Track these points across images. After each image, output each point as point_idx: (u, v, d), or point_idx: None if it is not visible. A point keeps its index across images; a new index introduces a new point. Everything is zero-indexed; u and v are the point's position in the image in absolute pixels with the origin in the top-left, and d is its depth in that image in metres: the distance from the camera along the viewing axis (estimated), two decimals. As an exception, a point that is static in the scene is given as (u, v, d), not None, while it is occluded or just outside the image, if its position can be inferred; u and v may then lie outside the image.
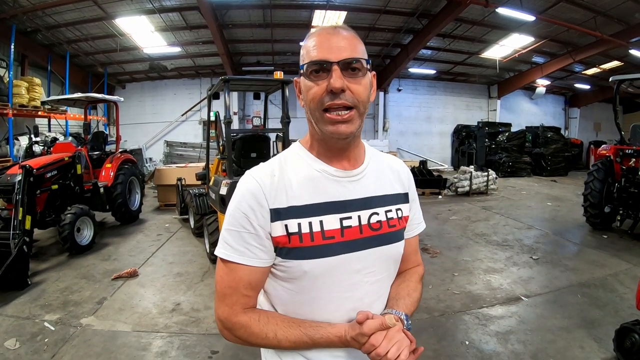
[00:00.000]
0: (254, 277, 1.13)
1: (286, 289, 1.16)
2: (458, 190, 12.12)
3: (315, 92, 1.08)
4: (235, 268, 1.12)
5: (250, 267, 1.11)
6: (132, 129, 17.08)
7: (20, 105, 10.59)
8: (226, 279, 1.14)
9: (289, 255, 1.11)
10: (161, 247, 7.06)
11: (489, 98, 20.85)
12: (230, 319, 1.13)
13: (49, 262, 6.13)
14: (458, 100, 20.50)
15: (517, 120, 20.04)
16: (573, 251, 6.77)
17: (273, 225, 1.10)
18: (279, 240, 1.11)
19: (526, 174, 17.26)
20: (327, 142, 1.17)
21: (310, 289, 1.13)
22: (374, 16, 12.87)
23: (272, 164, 1.20)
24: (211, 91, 6.54)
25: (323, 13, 12.38)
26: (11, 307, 4.58)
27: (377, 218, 1.20)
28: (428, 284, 5.19)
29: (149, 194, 12.01)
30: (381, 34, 14.55)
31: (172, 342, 3.85)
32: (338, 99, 1.07)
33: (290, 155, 1.22)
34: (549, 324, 4.09)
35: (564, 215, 9.27)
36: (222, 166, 6.33)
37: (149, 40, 13.95)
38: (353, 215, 1.16)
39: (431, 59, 17.16)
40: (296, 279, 1.13)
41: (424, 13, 12.60)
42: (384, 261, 1.22)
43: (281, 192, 1.12)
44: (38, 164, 6.39)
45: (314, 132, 1.18)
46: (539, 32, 13.69)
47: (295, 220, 1.10)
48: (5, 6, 10.16)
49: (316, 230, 1.11)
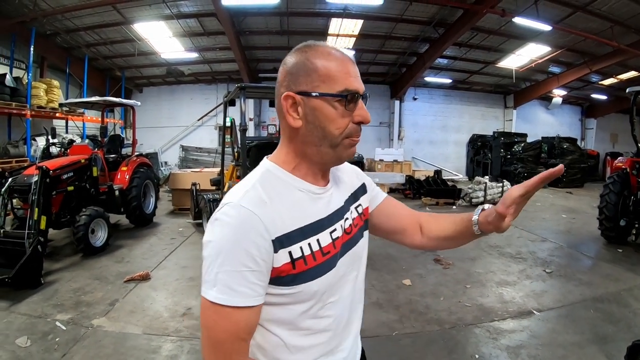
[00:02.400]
0: (253, 318, 1.03)
1: (287, 311, 1.10)
2: (472, 201, 11.98)
3: (345, 122, 1.08)
4: (233, 312, 0.98)
5: (252, 307, 1.01)
6: (149, 133, 17.25)
7: (38, 106, 10.78)
8: (223, 325, 0.99)
9: (295, 281, 1.06)
10: (174, 251, 7.10)
11: (505, 108, 20.68)
12: None
13: (63, 262, 6.21)
14: (474, 110, 20.37)
15: (533, 130, 19.78)
16: (587, 265, 6.67)
17: (276, 256, 1.03)
18: (283, 269, 1.04)
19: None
20: (326, 165, 1.18)
21: (315, 304, 1.12)
22: (391, 24, 12.88)
23: (255, 189, 1.08)
24: (227, 98, 6.59)
25: (340, 21, 12.44)
26: (24, 306, 4.64)
27: (349, 222, 1.25)
28: (440, 296, 5.15)
29: (164, 197, 12.09)
30: (397, 43, 14.56)
31: (182, 346, 3.86)
32: (360, 129, 1.12)
33: (268, 178, 1.13)
34: (561, 339, 4.02)
35: (578, 228, 9.12)
36: (236, 172, 6.36)
37: (166, 46, 14.12)
38: (337, 227, 1.19)
39: (447, 68, 17.09)
40: (302, 301, 1.09)
41: (440, 22, 12.58)
42: (357, 259, 1.28)
43: (277, 219, 1.04)
44: (54, 166, 6.48)
45: (312, 154, 1.13)
46: (556, 41, 13.58)
47: (297, 245, 1.07)
48: (25, 9, 10.36)
49: (316, 250, 1.10)
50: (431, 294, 5.21)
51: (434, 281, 5.71)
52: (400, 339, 4.06)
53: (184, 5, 11.48)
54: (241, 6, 11.31)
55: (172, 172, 12.11)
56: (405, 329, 4.28)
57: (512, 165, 17.11)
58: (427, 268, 6.28)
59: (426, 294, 5.19)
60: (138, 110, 9.71)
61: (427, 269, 6.23)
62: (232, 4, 10.90)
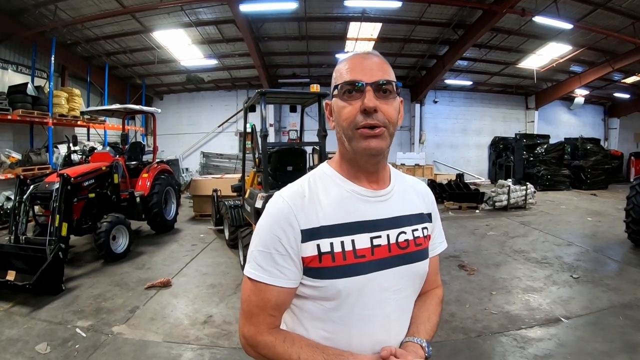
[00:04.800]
0: (281, 298, 1.16)
1: (317, 306, 1.18)
2: (496, 205, 11.78)
3: (350, 112, 1.13)
4: (264, 288, 1.14)
5: (279, 288, 1.14)
6: (169, 140, 17.44)
7: (60, 114, 10.95)
8: (254, 298, 1.17)
9: (320, 275, 1.14)
10: (195, 258, 7.10)
11: (527, 109, 20.33)
12: (256, 338, 1.17)
13: (84, 269, 6.26)
14: (495, 112, 20.06)
15: (555, 131, 19.40)
16: (614, 269, 6.44)
17: (304, 246, 1.13)
18: (310, 260, 1.13)
19: (565, 188, 16.69)
20: (357, 162, 1.21)
21: (341, 307, 1.15)
22: (409, 27, 12.78)
23: (302, 184, 1.23)
24: (247, 104, 6.59)
25: (358, 25, 12.37)
26: (44, 312, 4.68)
27: (405, 237, 1.24)
28: (465, 303, 5.03)
29: (185, 203, 12.18)
30: (417, 45, 14.44)
31: (203, 354, 3.82)
32: (371, 118, 1.12)
33: (319, 176, 1.26)
34: (590, 348, 3.86)
35: (604, 231, 8.86)
36: (257, 179, 6.33)
37: (185, 53, 14.24)
38: (382, 234, 1.19)
39: (467, 69, 16.88)
40: (329, 298, 1.15)
41: (459, 23, 12.45)
42: (410, 279, 1.26)
43: (312, 212, 1.15)
44: (76, 173, 6.57)
45: (345, 152, 1.22)
46: (577, 40, 13.31)
47: (328, 240, 1.13)
48: (45, 20, 10.54)
49: (348, 250, 1.14)
50: (456, 302, 5.08)
51: (459, 288, 5.59)
52: (424, 348, 3.94)
53: (202, 13, 11.57)
54: (259, 12, 11.33)
55: (193, 178, 12.18)
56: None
57: (535, 167, 16.82)
58: (452, 274, 6.15)
59: (451, 302, 5.06)
60: (159, 117, 9.79)
61: (451, 275, 6.10)
62: (250, 10, 10.94)
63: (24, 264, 5.36)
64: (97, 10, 10.63)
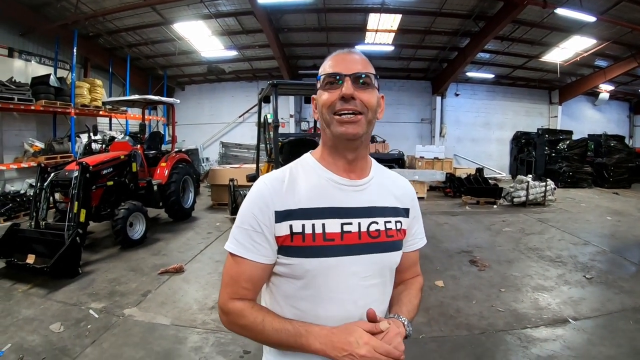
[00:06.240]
0: (255, 272, 1.24)
1: (289, 284, 1.25)
2: (514, 200, 11.62)
3: (328, 98, 1.22)
4: (240, 262, 1.23)
5: (253, 262, 1.22)
6: (191, 129, 17.70)
7: (82, 105, 11.20)
8: (230, 270, 1.26)
9: (291, 253, 1.22)
10: (210, 245, 7.24)
11: (550, 104, 19.81)
12: (227, 305, 1.24)
13: (101, 254, 6.47)
14: (517, 106, 19.60)
15: (579, 127, 18.78)
16: (630, 272, 6.26)
17: (277, 226, 1.21)
18: (283, 239, 1.21)
19: (587, 185, 16.29)
20: (337, 149, 1.28)
21: (309, 286, 1.22)
22: (430, 19, 12.62)
23: (284, 170, 1.32)
24: (261, 95, 6.64)
25: (378, 16, 12.26)
26: (61, 294, 4.89)
27: (377, 227, 1.29)
28: (472, 299, 5.02)
29: (204, 192, 12.41)
30: (437, 37, 14.22)
31: (208, 338, 3.94)
32: (348, 104, 1.20)
33: (301, 164, 1.34)
34: (596, 352, 3.78)
35: (624, 232, 8.64)
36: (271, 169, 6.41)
37: (206, 44, 14.35)
38: (354, 222, 1.25)
39: (489, 62, 16.59)
40: (298, 276, 1.23)
41: (480, 15, 12.22)
42: (379, 268, 1.31)
43: (289, 196, 1.23)
44: (94, 161, 6.74)
45: (326, 140, 1.30)
46: (601, 33, 12.91)
47: (300, 222, 1.21)
48: (67, 12, 10.76)
49: (318, 232, 1.21)
50: (463, 297, 5.08)
51: (468, 284, 5.57)
52: (426, 342, 3.98)
53: (221, 5, 11.65)
54: (278, 3, 11.33)
55: (211, 168, 12.33)
56: (433, 332, 4.19)
57: (557, 163, 16.47)
58: (462, 270, 6.14)
59: (458, 297, 5.07)
60: (180, 107, 9.94)
61: (462, 271, 6.08)
62: (268, 2, 10.97)
63: (44, 248, 5.58)
64: (118, 2, 10.80)
